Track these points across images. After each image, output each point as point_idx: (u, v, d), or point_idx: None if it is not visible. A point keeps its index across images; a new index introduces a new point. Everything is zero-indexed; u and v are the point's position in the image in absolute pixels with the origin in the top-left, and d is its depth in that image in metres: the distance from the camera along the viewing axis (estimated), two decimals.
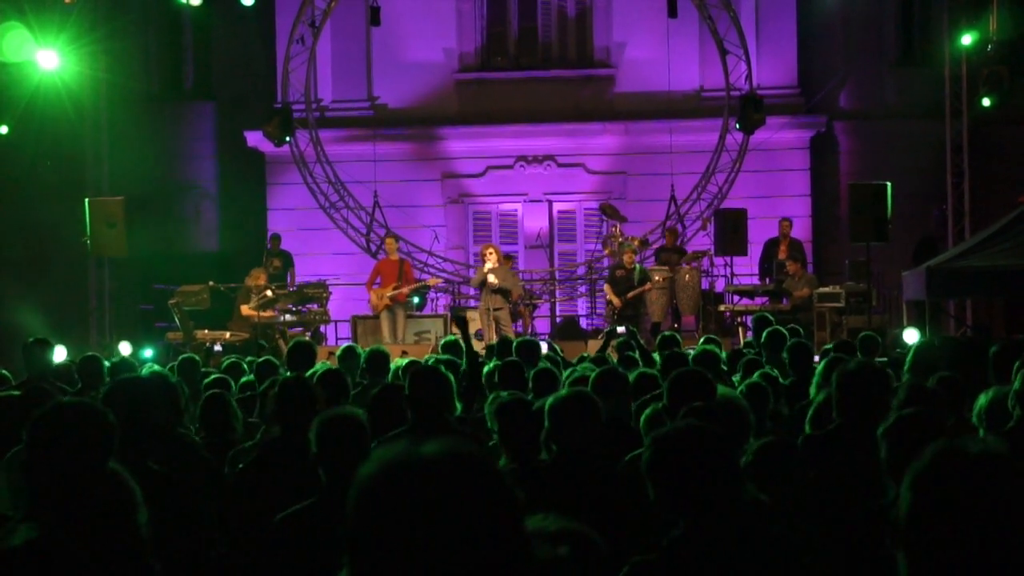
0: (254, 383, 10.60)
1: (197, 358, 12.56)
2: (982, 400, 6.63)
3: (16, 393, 7.69)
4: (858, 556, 5.18)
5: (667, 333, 14.11)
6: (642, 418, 6.74)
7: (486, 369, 9.97)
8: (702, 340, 13.15)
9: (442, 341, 13.66)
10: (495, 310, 20.21)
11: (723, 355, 11.72)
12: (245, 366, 12.57)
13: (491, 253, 20.68)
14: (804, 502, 5.26)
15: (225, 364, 12.98)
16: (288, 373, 10.01)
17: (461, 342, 9.62)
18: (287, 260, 23.64)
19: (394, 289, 21.27)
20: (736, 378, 9.91)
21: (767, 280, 22.73)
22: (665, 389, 6.62)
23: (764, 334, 12.02)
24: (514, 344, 11.73)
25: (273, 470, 6.47)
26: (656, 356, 11.21)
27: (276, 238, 24.06)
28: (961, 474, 2.65)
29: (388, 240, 22.47)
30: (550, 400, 5.81)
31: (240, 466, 6.99)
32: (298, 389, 6.77)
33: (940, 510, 2.63)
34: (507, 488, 2.19)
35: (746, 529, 4.15)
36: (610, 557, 3.22)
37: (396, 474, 2.16)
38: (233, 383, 10.58)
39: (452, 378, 8.11)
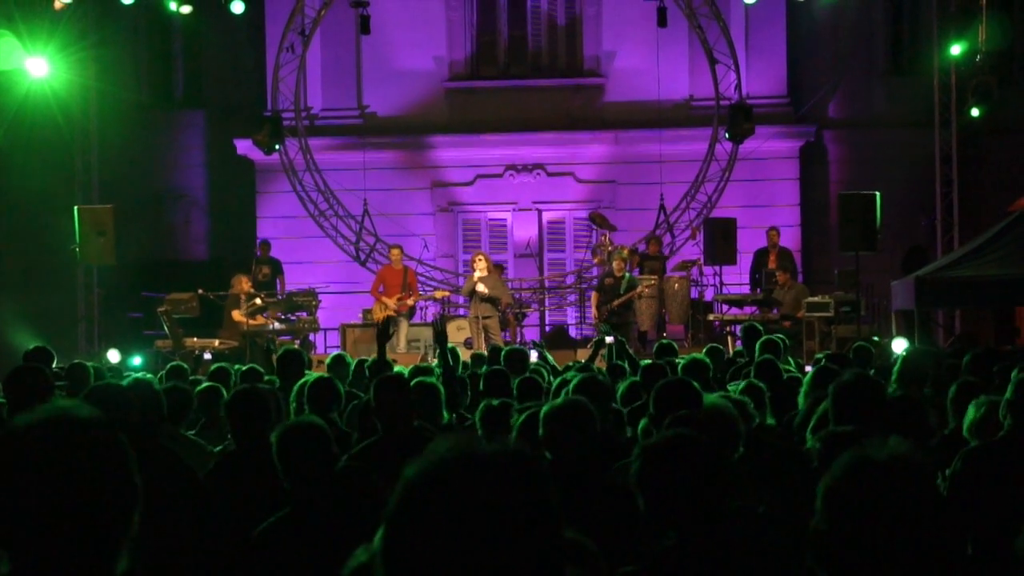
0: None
1: (185, 366, 12.56)
2: (972, 413, 6.66)
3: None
4: None
5: (664, 341, 14.08)
6: (639, 429, 6.73)
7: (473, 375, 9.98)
8: (705, 350, 13.11)
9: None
10: (484, 318, 20.25)
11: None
12: (233, 373, 12.52)
13: (480, 261, 20.69)
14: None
15: (212, 369, 12.94)
16: (278, 381, 10.00)
17: (440, 351, 9.69)
18: (276, 267, 23.55)
19: (398, 300, 21.26)
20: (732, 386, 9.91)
21: (757, 291, 22.74)
22: (651, 399, 6.62)
23: (758, 345, 12.01)
24: (503, 353, 11.73)
25: (227, 481, 6.43)
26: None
27: (266, 245, 23.96)
28: (871, 482, 2.65)
29: (393, 251, 22.19)
30: (546, 407, 5.82)
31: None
32: (250, 400, 6.69)
33: (854, 519, 2.64)
34: (553, 492, 2.17)
35: (737, 538, 4.14)
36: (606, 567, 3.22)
37: (452, 471, 2.10)
38: (224, 390, 10.53)
39: (440, 387, 8.10)
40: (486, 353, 13.87)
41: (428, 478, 2.10)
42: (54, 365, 11.74)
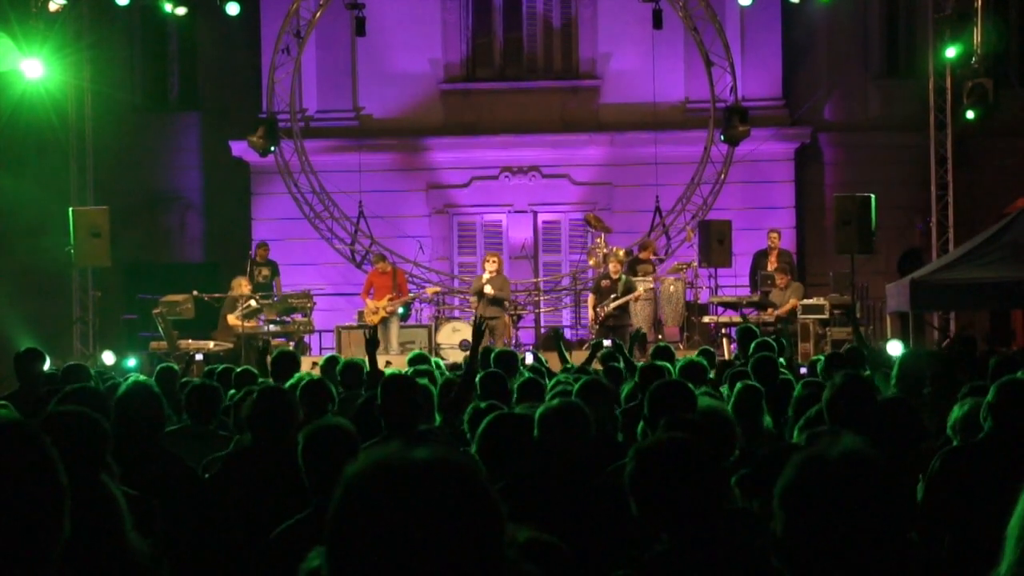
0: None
1: (175, 367, 12.52)
2: (956, 412, 6.69)
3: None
4: None
5: (661, 343, 14.06)
6: (639, 431, 6.71)
7: (477, 379, 9.95)
8: (698, 352, 13.12)
9: (409, 355, 13.49)
10: (489, 319, 20.24)
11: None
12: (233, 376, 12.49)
13: (493, 262, 20.70)
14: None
15: (220, 370, 12.89)
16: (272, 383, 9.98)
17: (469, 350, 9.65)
18: (274, 269, 23.42)
19: (389, 301, 21.27)
20: (723, 389, 9.88)
21: (758, 292, 22.71)
22: (645, 401, 6.61)
23: (751, 346, 11.99)
24: (492, 355, 11.69)
25: (241, 479, 6.42)
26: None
27: (264, 247, 23.73)
28: (825, 480, 2.65)
29: (378, 264, 22.15)
30: (540, 409, 5.80)
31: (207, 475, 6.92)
32: (277, 399, 6.69)
33: (811, 519, 2.63)
34: (492, 496, 2.18)
35: (731, 542, 4.12)
36: (585, 569, 3.20)
37: (386, 476, 2.14)
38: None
39: (432, 389, 8.10)
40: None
41: (360, 490, 2.15)
42: (46, 367, 11.70)
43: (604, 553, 4.90)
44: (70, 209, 22.04)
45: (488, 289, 20.32)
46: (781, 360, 11.58)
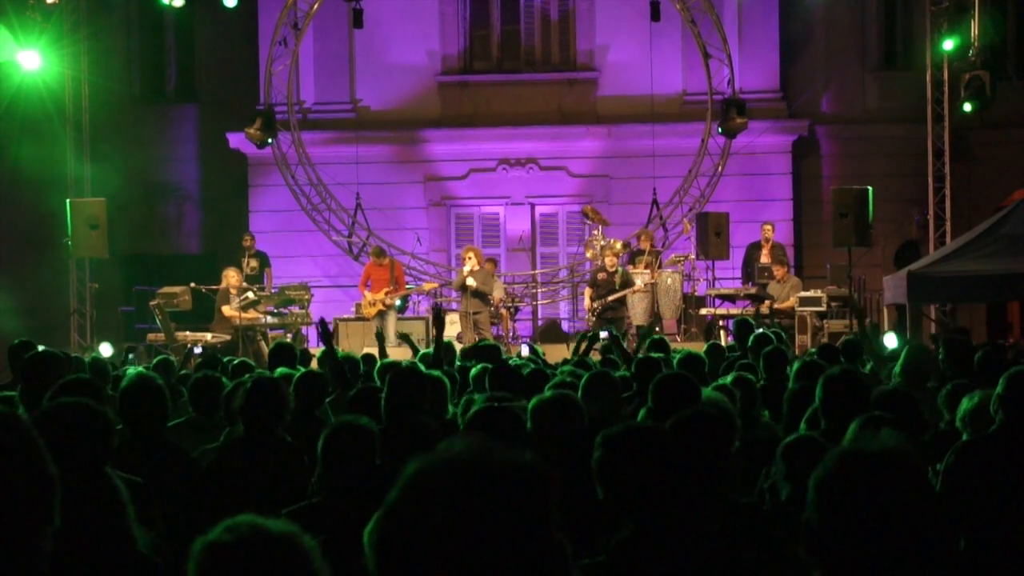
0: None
1: (172, 359, 12.53)
2: (965, 404, 6.67)
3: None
4: None
5: (656, 336, 14.05)
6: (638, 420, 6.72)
7: (473, 372, 9.94)
8: (706, 347, 13.11)
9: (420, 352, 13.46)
10: (474, 314, 20.24)
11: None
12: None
13: (470, 256, 20.68)
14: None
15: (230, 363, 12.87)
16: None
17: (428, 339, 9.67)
18: (263, 260, 23.34)
19: (386, 294, 21.26)
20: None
21: (749, 284, 22.72)
22: (650, 393, 6.60)
23: (750, 339, 12.00)
24: (475, 347, 11.67)
25: (234, 469, 6.44)
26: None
27: (251, 238, 23.68)
28: (862, 474, 2.66)
29: (376, 257, 22.08)
30: (533, 401, 5.80)
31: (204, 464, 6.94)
32: (270, 389, 6.74)
33: (846, 512, 2.64)
34: (555, 503, 2.17)
35: (694, 529, 4.12)
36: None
37: (462, 472, 2.12)
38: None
39: (446, 381, 8.12)
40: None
41: (436, 476, 2.11)
42: None
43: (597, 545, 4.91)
44: (68, 200, 22.05)
45: (471, 282, 20.29)
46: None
